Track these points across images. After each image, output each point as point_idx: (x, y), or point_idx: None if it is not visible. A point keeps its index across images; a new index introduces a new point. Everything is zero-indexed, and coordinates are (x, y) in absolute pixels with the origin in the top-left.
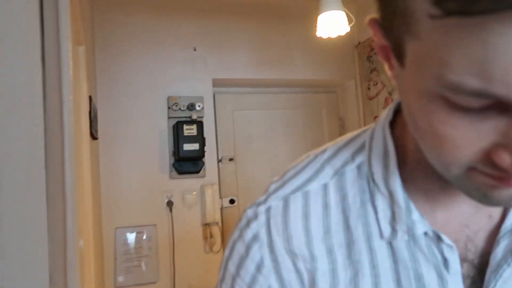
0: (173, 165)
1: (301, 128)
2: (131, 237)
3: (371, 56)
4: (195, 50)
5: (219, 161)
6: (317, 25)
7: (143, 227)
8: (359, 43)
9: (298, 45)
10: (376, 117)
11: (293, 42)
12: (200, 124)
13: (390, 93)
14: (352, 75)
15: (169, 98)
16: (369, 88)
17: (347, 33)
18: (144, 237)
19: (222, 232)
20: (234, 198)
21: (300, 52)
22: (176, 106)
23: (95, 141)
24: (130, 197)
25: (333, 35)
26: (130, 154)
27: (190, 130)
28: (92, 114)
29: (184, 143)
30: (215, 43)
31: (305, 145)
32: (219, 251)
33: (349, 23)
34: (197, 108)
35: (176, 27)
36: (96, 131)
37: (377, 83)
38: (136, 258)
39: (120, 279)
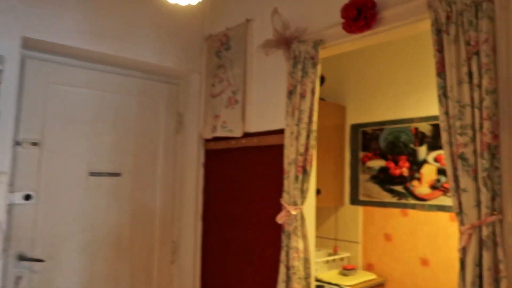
0: None
1: (132, 118)
2: None
3: (221, 52)
4: None
5: (16, 143)
6: None
7: None
8: (210, 35)
9: (144, 22)
10: (217, 116)
11: (140, 17)
12: None
13: (234, 92)
14: (197, 68)
15: None
16: (213, 85)
17: (198, 23)
18: None
19: (9, 236)
20: (32, 193)
21: (145, 31)
22: None
23: None
24: None
25: (183, 2)
26: None
27: None
28: None
29: None
30: None
31: (135, 138)
32: None
33: None
34: None
35: None
36: None
37: (222, 80)
38: None
39: None
